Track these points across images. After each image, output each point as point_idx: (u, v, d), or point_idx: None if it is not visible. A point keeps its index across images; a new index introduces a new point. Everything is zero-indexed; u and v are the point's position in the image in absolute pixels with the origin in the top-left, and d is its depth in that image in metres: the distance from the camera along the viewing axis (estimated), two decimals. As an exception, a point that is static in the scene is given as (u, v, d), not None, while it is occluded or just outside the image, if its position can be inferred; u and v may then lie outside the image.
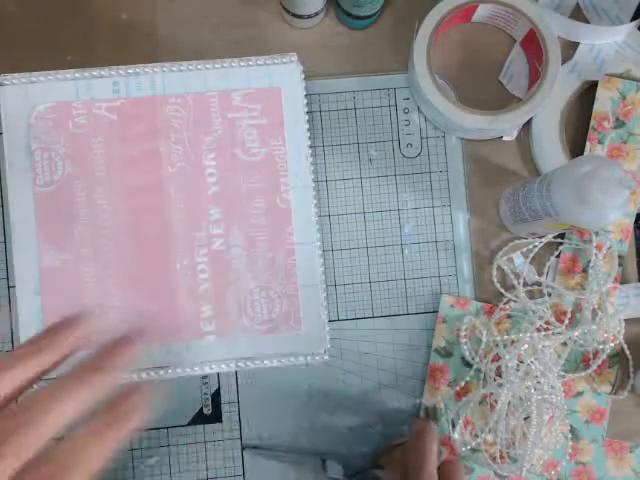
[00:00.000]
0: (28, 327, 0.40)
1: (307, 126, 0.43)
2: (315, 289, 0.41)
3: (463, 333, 0.51)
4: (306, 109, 0.43)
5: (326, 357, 0.40)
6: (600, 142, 0.53)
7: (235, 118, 0.42)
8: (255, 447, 0.51)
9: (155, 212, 0.41)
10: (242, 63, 0.42)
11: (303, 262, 0.41)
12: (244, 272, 0.41)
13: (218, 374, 0.50)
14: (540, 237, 0.53)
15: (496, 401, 0.49)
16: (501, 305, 0.53)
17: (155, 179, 0.41)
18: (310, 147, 0.44)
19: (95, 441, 0.24)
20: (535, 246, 0.53)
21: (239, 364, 0.40)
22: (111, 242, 0.41)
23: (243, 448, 0.51)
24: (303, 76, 0.43)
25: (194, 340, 0.40)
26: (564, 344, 0.52)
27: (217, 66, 0.42)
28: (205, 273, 0.41)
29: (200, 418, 0.52)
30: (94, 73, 0.42)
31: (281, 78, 0.43)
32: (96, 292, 0.41)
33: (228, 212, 0.41)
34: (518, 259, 0.54)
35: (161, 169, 0.41)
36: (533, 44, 0.53)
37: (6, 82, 0.42)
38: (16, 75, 0.42)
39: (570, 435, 0.52)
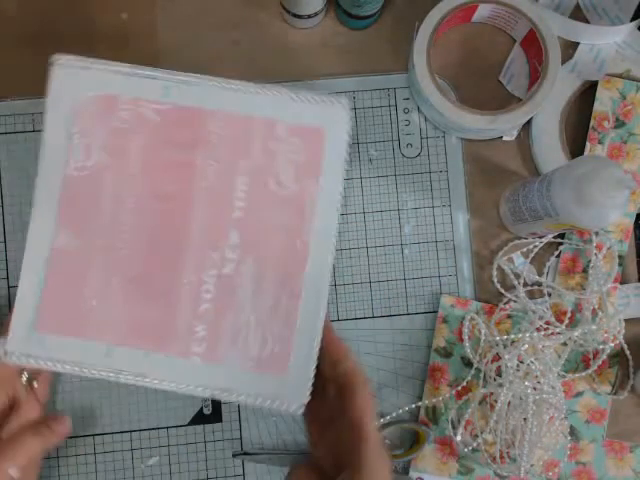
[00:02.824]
0: (24, 302, 0.40)
1: (344, 175, 0.42)
2: (311, 338, 0.40)
3: (466, 330, 0.51)
4: (347, 157, 0.42)
5: (300, 412, 0.40)
6: (600, 142, 0.53)
7: (275, 149, 0.41)
8: (245, 453, 0.51)
9: (176, 222, 0.41)
10: (292, 95, 0.41)
11: (307, 309, 0.40)
12: (247, 303, 0.40)
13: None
14: (540, 237, 0.53)
15: (496, 401, 0.49)
16: (501, 305, 0.53)
17: (184, 189, 0.41)
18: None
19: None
20: (535, 246, 0.53)
21: (214, 392, 0.40)
22: (126, 240, 0.40)
23: (234, 455, 0.51)
24: (351, 123, 0.42)
25: (179, 356, 0.40)
26: (564, 344, 0.52)
27: (268, 92, 0.41)
28: (209, 294, 0.40)
29: (200, 418, 0.52)
30: (147, 72, 0.41)
31: (328, 119, 0.41)
32: (98, 285, 0.40)
33: (246, 240, 0.41)
34: (518, 259, 0.54)
35: (192, 181, 0.41)
36: (533, 44, 0.53)
37: (60, 62, 0.42)
38: (71, 58, 0.42)
39: (570, 435, 0.52)
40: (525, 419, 0.49)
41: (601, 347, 0.51)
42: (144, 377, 0.39)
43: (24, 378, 0.44)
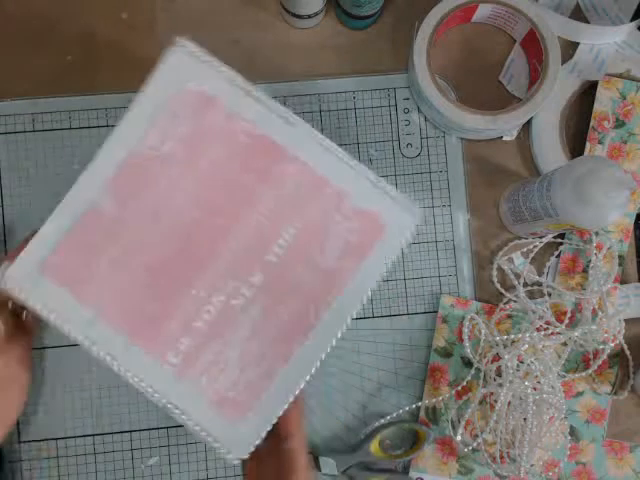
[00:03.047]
0: (41, 241, 0.40)
1: (383, 275, 0.41)
2: (277, 404, 0.40)
3: (466, 330, 0.51)
4: (394, 259, 0.41)
5: (235, 463, 0.40)
6: (600, 142, 0.53)
7: (334, 220, 0.41)
8: None
9: (213, 236, 0.40)
10: (374, 179, 0.41)
11: (288, 377, 0.40)
12: (237, 343, 0.40)
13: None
14: (540, 237, 0.53)
15: (496, 401, 0.49)
16: (501, 305, 0.53)
17: (234, 211, 0.40)
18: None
19: None
20: (535, 246, 0.53)
21: (168, 406, 0.40)
22: (160, 232, 0.40)
23: None
24: (414, 232, 0.41)
25: (153, 357, 0.40)
26: (564, 344, 0.52)
27: (353, 166, 0.41)
28: (208, 315, 0.40)
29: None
30: (257, 94, 0.41)
31: (394, 219, 0.41)
32: (114, 260, 0.40)
33: (266, 285, 0.40)
34: (518, 259, 0.54)
35: (245, 208, 0.40)
36: (533, 44, 0.53)
37: (180, 45, 0.41)
38: (192, 46, 0.41)
39: (570, 435, 0.52)
40: (525, 419, 0.49)
41: (601, 347, 0.51)
42: (114, 359, 0.39)
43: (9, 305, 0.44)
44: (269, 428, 0.39)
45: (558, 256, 0.54)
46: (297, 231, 0.41)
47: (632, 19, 0.56)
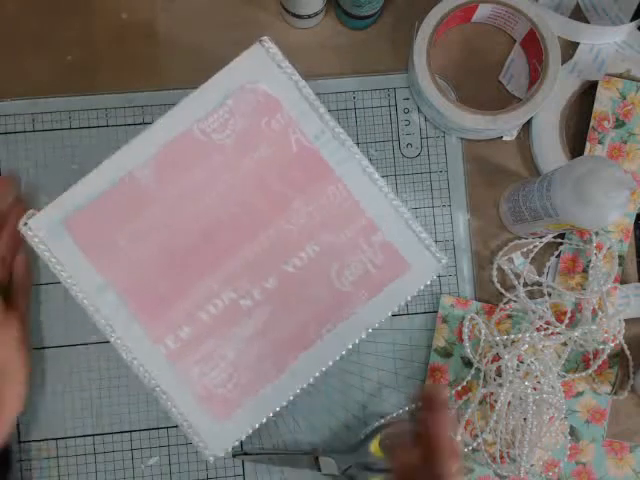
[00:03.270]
0: (72, 196, 0.40)
1: (392, 311, 0.42)
2: (265, 409, 0.40)
3: (466, 330, 0.51)
4: (409, 300, 0.42)
5: (211, 460, 0.40)
6: (600, 142, 0.53)
7: (360, 247, 0.41)
8: (245, 453, 0.51)
9: (240, 232, 0.41)
10: (409, 219, 0.41)
11: (280, 386, 0.40)
12: (236, 342, 0.40)
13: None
14: (540, 237, 0.53)
15: (496, 401, 0.49)
16: (501, 305, 0.53)
17: (266, 213, 0.41)
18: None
19: None
20: (535, 246, 0.53)
21: (156, 389, 0.40)
22: (190, 216, 0.40)
23: (234, 456, 0.51)
24: (434, 277, 0.42)
25: (151, 340, 0.40)
26: (564, 344, 0.52)
27: (391, 201, 0.41)
28: (215, 309, 0.40)
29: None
30: (321, 110, 0.41)
31: (419, 262, 0.41)
32: (138, 232, 0.40)
33: (278, 294, 0.41)
34: (518, 259, 0.54)
35: (277, 212, 0.41)
36: (533, 44, 0.53)
37: (264, 44, 0.42)
38: (275, 49, 0.41)
39: (570, 435, 0.52)
40: (525, 419, 0.49)
41: (601, 347, 0.51)
42: (113, 331, 0.39)
43: None
44: (249, 432, 0.39)
45: (558, 256, 0.54)
46: (321, 249, 0.41)
47: (632, 19, 0.56)
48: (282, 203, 0.41)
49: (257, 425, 0.39)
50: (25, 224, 0.39)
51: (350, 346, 0.41)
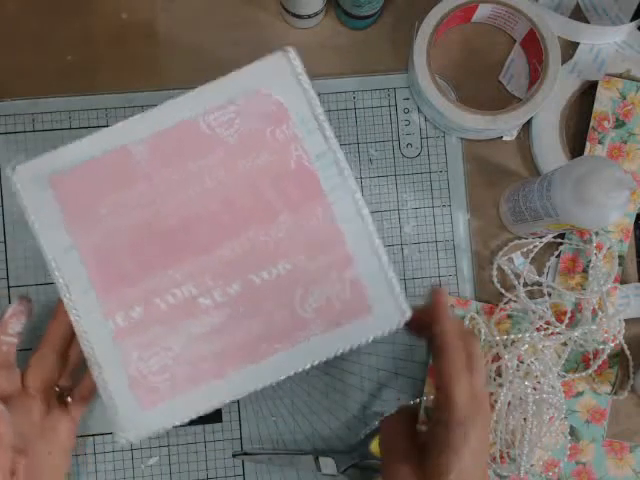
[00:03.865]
0: (66, 153, 0.40)
1: (335, 355, 0.41)
2: (192, 410, 0.40)
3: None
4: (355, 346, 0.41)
5: (122, 441, 0.39)
6: (600, 142, 0.53)
7: (330, 279, 0.40)
8: (245, 454, 0.51)
9: (216, 234, 0.40)
10: (384, 259, 0.40)
11: (218, 388, 0.40)
12: (186, 337, 0.39)
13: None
14: (540, 237, 0.53)
15: (496, 401, 0.49)
16: (501, 305, 0.53)
17: (248, 223, 0.40)
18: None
19: None
20: (535, 246, 0.53)
21: (91, 359, 0.40)
22: (174, 202, 0.40)
23: (234, 456, 0.51)
24: (389, 332, 0.40)
25: (102, 311, 0.39)
26: (564, 344, 0.52)
27: (374, 240, 0.40)
28: (173, 298, 0.40)
29: (200, 418, 0.51)
30: (328, 133, 0.41)
31: (382, 308, 0.40)
32: (119, 203, 0.40)
33: (238, 301, 0.40)
34: (518, 259, 0.54)
35: (260, 225, 0.40)
36: (533, 44, 0.53)
37: (285, 52, 0.42)
38: (296, 59, 0.42)
39: (570, 435, 0.52)
40: (525, 419, 0.49)
41: (601, 347, 0.51)
42: (68, 292, 0.39)
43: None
44: (168, 428, 0.39)
45: (558, 256, 0.54)
46: (292, 269, 0.40)
47: (632, 19, 0.56)
48: (267, 213, 0.41)
49: (178, 423, 0.39)
50: (13, 168, 0.39)
51: (292, 373, 0.40)
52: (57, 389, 0.45)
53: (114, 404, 0.39)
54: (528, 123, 0.54)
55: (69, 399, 0.45)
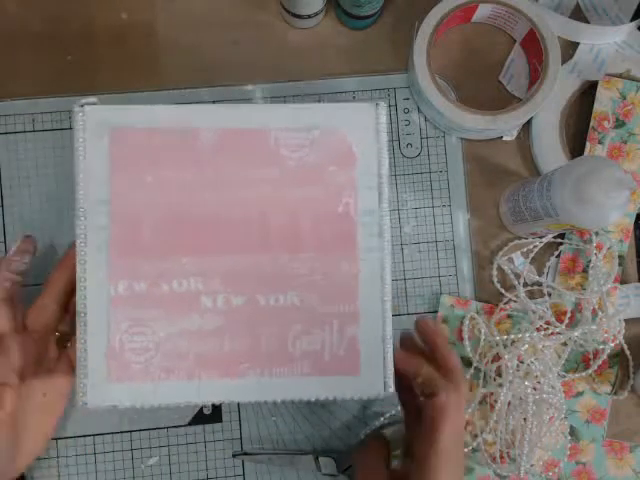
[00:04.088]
0: (124, 112, 0.40)
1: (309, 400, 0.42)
2: (159, 397, 0.40)
3: (466, 330, 0.51)
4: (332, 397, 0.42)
5: (81, 404, 0.40)
6: (600, 142, 0.53)
7: (332, 330, 0.41)
8: (245, 454, 0.51)
9: (242, 243, 0.40)
10: (389, 345, 0.41)
11: (189, 387, 0.40)
12: (176, 328, 0.39)
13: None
14: (540, 237, 0.53)
15: (496, 401, 0.49)
16: (501, 305, 0.53)
17: (277, 245, 0.41)
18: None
19: None
20: (535, 246, 0.53)
21: (82, 315, 0.40)
22: (215, 198, 0.40)
23: (234, 456, 0.51)
24: (367, 398, 0.41)
25: (108, 273, 0.40)
26: (564, 344, 0.52)
27: (386, 316, 0.41)
28: (179, 287, 0.40)
29: (200, 418, 0.52)
30: (384, 193, 0.41)
31: (368, 376, 0.41)
32: (162, 178, 0.40)
33: (237, 315, 0.40)
34: (518, 259, 0.54)
35: (287, 251, 0.41)
36: (533, 44, 0.53)
37: (378, 109, 0.42)
38: (383, 123, 0.42)
39: (570, 435, 0.52)
40: (525, 419, 0.49)
41: (601, 347, 0.51)
42: (83, 242, 0.39)
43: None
44: (126, 406, 0.39)
45: (558, 256, 0.54)
46: (299, 305, 0.40)
47: (632, 19, 0.56)
48: (297, 244, 0.41)
49: (137, 406, 0.39)
50: (82, 106, 0.39)
51: (262, 401, 0.40)
52: (57, 334, 0.45)
53: (86, 366, 0.39)
54: (528, 123, 0.54)
55: (69, 344, 0.45)
